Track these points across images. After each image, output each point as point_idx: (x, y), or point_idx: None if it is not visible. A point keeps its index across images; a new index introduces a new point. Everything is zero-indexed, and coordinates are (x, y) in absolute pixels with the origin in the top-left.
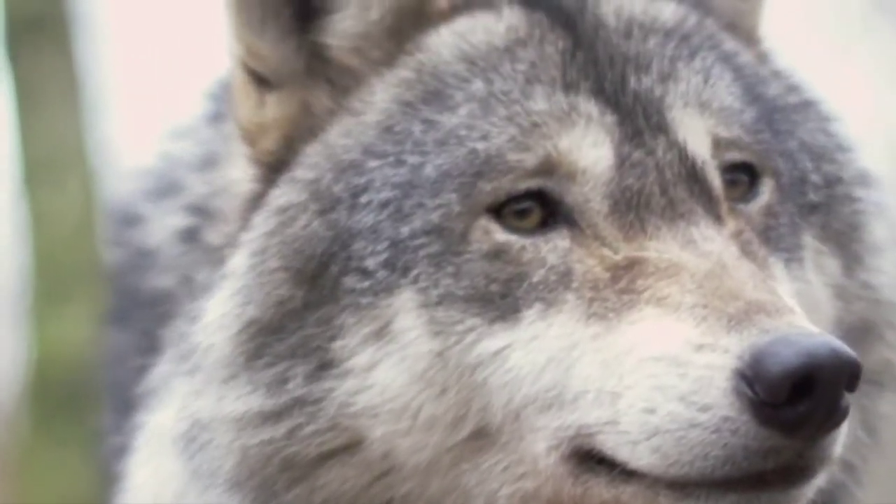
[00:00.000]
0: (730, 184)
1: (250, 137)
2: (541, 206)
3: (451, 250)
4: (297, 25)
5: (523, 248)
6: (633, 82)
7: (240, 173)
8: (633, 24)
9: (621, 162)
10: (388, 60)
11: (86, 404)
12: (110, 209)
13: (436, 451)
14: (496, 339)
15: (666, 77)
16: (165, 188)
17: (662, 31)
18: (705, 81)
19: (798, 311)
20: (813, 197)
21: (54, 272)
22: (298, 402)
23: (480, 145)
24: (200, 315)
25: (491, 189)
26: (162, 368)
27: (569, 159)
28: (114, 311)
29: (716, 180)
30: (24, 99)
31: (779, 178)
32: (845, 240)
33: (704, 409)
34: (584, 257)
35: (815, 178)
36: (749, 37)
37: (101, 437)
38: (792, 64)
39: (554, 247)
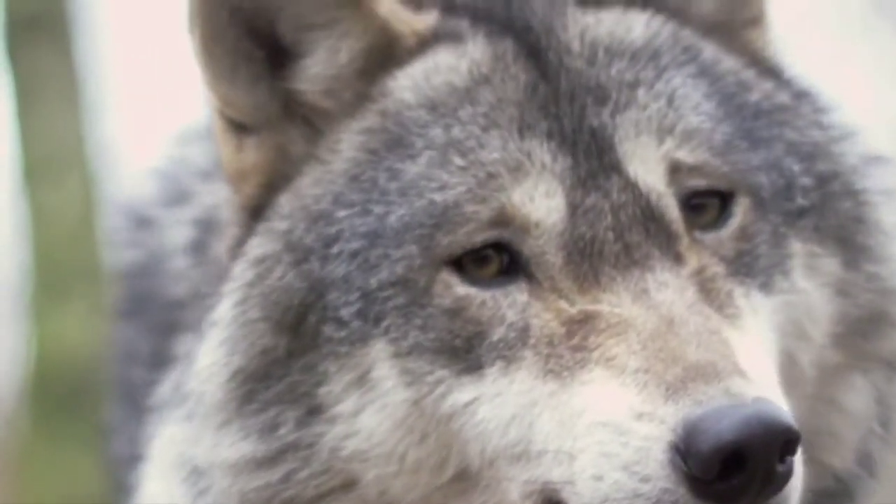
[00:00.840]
0: (696, 211)
1: (233, 182)
2: (500, 254)
3: (416, 302)
4: (269, 71)
5: (483, 302)
6: (590, 117)
7: (227, 216)
8: (598, 48)
9: (573, 210)
10: (358, 103)
11: (86, 401)
12: (121, 210)
13: (426, 490)
14: (465, 391)
15: (623, 107)
16: (176, 195)
17: (629, 53)
18: (669, 104)
19: (742, 369)
20: (802, 201)
21: (54, 270)
22: (291, 447)
23: (438, 196)
24: (193, 361)
25: (448, 242)
26: (173, 380)
27: (522, 212)
28: (126, 308)
29: (674, 214)
30: (24, 97)
31: (756, 195)
32: (847, 234)
33: (645, 479)
34: (541, 311)
35: (804, 180)
36: (741, 33)
37: (107, 434)
38: (789, 55)
39: (513, 301)
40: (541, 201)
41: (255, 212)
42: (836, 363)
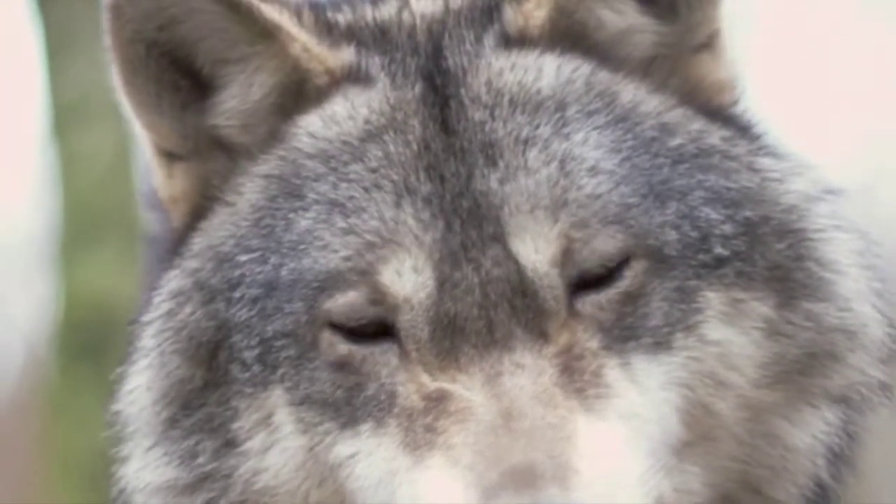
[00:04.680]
0: (579, 285)
1: (167, 208)
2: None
3: (305, 356)
4: (195, 101)
5: (364, 358)
6: (478, 180)
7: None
8: (502, 98)
9: (441, 285)
10: (268, 143)
11: (114, 348)
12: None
13: None
14: (347, 445)
15: (514, 171)
16: None
17: (532, 105)
18: (561, 169)
19: (570, 470)
20: (721, 250)
21: (83, 218)
22: (210, 477)
23: (322, 258)
24: (123, 382)
25: (328, 308)
26: None
27: (391, 291)
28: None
29: (551, 293)
30: (54, 44)
31: (656, 254)
32: (783, 274)
33: None
34: (406, 381)
35: (725, 228)
36: (688, 62)
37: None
38: (749, 82)
39: (386, 362)
40: (409, 277)
41: (178, 243)
42: (773, 402)
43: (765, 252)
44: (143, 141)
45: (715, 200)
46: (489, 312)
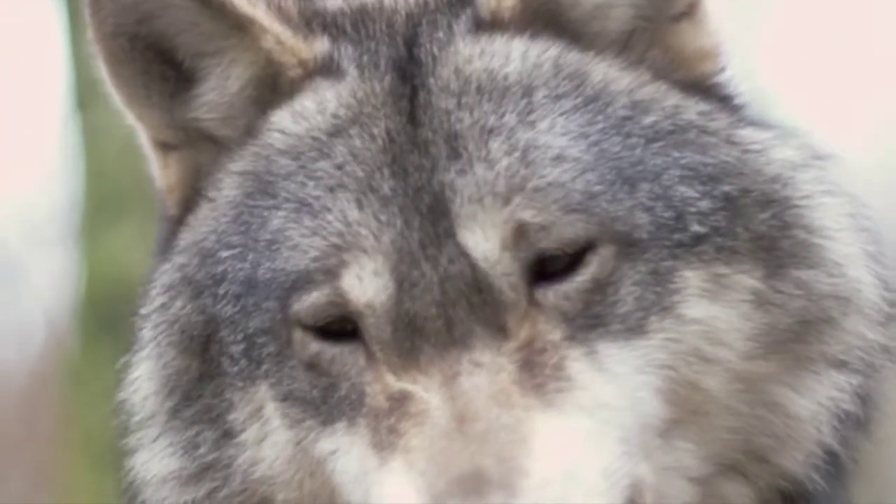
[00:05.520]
0: (540, 275)
1: (165, 198)
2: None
3: (283, 353)
4: (182, 91)
5: (333, 358)
6: (440, 173)
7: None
8: (469, 87)
9: (400, 285)
10: (246, 137)
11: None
12: None
13: None
14: (328, 441)
15: (473, 162)
16: None
17: (499, 92)
18: (523, 158)
19: (519, 473)
20: (698, 228)
21: (105, 192)
22: (211, 467)
23: (292, 258)
24: (127, 371)
25: (297, 309)
26: None
27: (352, 296)
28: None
29: (506, 283)
30: (76, 17)
31: (625, 239)
32: (769, 244)
33: None
34: (373, 381)
35: (703, 204)
36: (666, 33)
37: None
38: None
39: (355, 362)
40: (369, 282)
41: (172, 234)
42: (769, 371)
43: (748, 224)
44: (138, 131)
45: (691, 178)
46: (448, 311)
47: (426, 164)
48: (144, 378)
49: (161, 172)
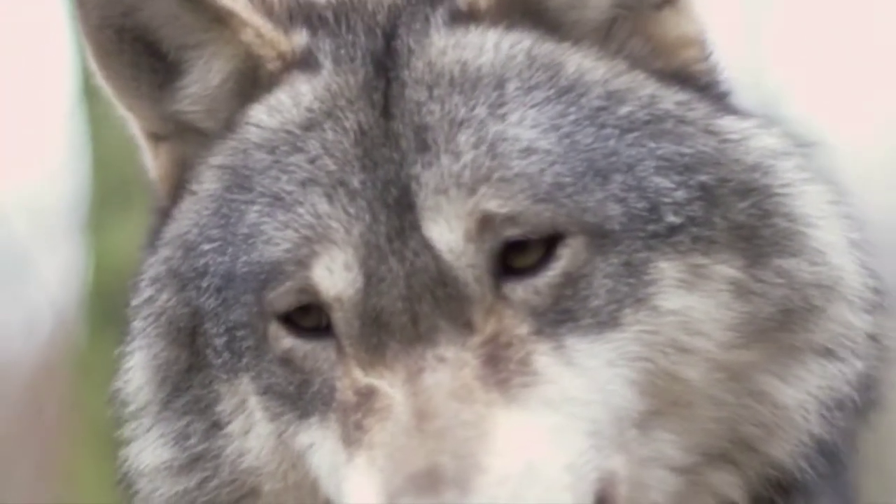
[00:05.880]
0: (509, 268)
1: (156, 192)
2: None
3: (261, 347)
4: (168, 84)
5: (305, 354)
6: (409, 166)
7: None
8: (442, 79)
9: (369, 279)
10: (226, 130)
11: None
12: None
13: (320, 503)
14: (305, 435)
15: (441, 154)
16: None
17: (470, 84)
18: (490, 150)
19: (475, 470)
20: (673, 218)
21: (111, 182)
22: (201, 457)
23: (266, 251)
24: (122, 362)
25: (271, 299)
26: None
27: (322, 288)
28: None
29: (472, 273)
30: None
31: (597, 231)
32: (749, 233)
33: None
34: (343, 376)
35: (679, 195)
36: (646, 21)
37: None
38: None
39: (327, 357)
40: (339, 275)
41: (160, 226)
42: (752, 360)
43: (726, 214)
44: (129, 122)
45: (667, 168)
46: (413, 305)
47: (396, 156)
48: (137, 368)
49: (152, 163)
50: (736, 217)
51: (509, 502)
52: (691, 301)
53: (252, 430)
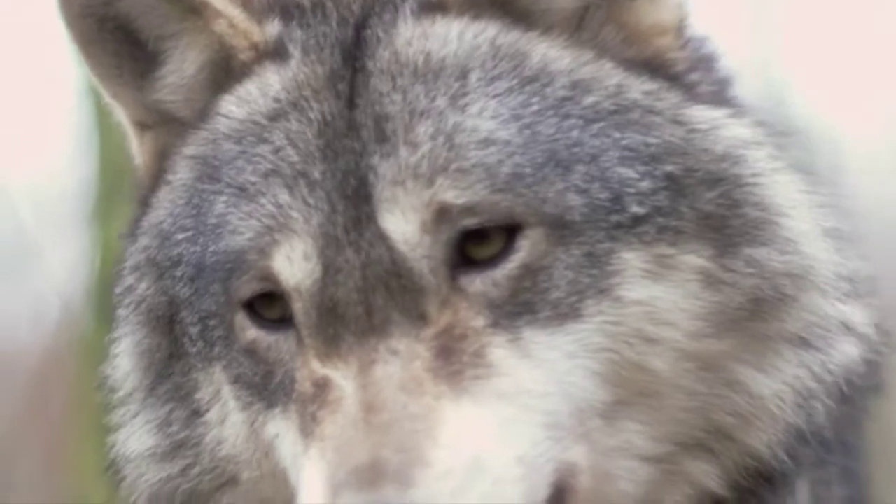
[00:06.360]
0: (467, 260)
1: (140, 180)
2: (282, 298)
3: (229, 337)
4: (150, 73)
5: (269, 346)
6: (369, 157)
7: None
8: (405, 70)
9: (326, 270)
10: (199, 121)
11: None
12: None
13: (291, 493)
14: (272, 425)
15: (399, 145)
16: None
17: (434, 74)
18: (448, 141)
19: (418, 464)
20: (637, 209)
21: (118, 172)
22: (183, 444)
23: (231, 241)
24: (111, 348)
25: (236, 288)
26: None
27: (282, 277)
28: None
29: (427, 265)
30: None
31: (557, 222)
32: (716, 224)
33: None
34: (301, 366)
35: (643, 185)
36: (621, 8)
37: None
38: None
39: (289, 348)
40: (299, 266)
41: (141, 214)
42: (724, 350)
43: (693, 203)
44: (116, 111)
45: (632, 158)
46: (368, 297)
47: (357, 146)
48: (124, 355)
49: (137, 151)
50: (704, 207)
51: (452, 497)
52: (657, 291)
53: (227, 418)
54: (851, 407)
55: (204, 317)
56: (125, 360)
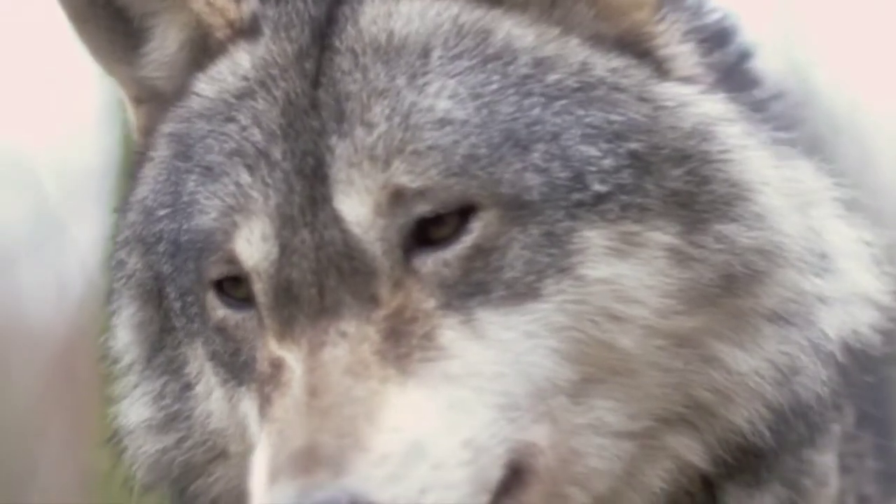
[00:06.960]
0: (418, 242)
1: (136, 153)
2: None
3: (204, 314)
4: (140, 48)
5: (236, 324)
6: (327, 136)
7: None
8: (368, 48)
9: (283, 251)
10: (178, 98)
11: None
12: None
13: None
14: (245, 402)
15: (355, 124)
16: None
17: (395, 52)
18: (404, 121)
19: (355, 450)
20: (599, 187)
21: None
22: (176, 417)
23: (200, 221)
24: (112, 318)
25: (205, 268)
26: None
27: (242, 258)
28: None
29: (380, 247)
30: None
31: (513, 202)
32: (684, 200)
33: None
34: (261, 346)
35: (606, 163)
36: None
37: None
38: None
39: (252, 327)
40: (257, 246)
41: (133, 188)
42: (697, 326)
43: (659, 181)
44: (115, 86)
45: (595, 136)
46: (321, 278)
47: (317, 126)
48: (122, 327)
49: (135, 125)
50: (671, 184)
51: (389, 482)
52: (623, 269)
53: (212, 393)
54: (873, 377)
55: (183, 293)
56: (123, 332)
